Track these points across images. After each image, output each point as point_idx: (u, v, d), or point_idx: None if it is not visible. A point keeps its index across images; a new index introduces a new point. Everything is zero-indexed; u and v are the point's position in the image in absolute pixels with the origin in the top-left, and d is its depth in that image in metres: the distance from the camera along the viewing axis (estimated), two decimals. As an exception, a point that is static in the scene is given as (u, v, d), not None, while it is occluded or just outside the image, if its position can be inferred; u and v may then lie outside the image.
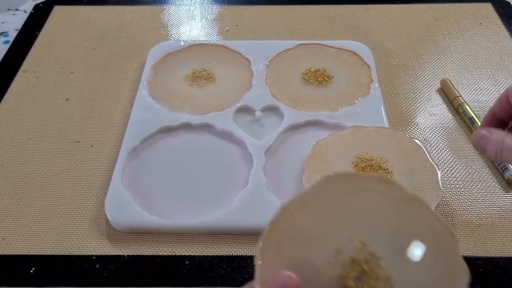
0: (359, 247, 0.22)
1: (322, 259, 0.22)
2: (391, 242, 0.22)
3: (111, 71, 0.57)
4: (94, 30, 0.63)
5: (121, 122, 0.50)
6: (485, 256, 0.39)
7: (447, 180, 0.44)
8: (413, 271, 0.21)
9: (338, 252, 0.22)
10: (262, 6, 0.67)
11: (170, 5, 0.68)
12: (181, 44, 0.57)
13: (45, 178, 0.45)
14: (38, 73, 0.57)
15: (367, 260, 0.22)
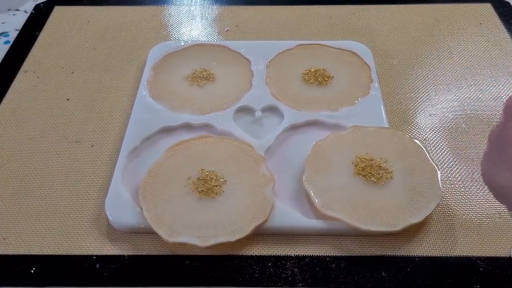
0: (200, 172, 0.41)
1: (180, 184, 0.40)
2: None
3: (111, 71, 0.57)
4: (94, 30, 0.63)
5: (122, 122, 0.50)
6: (485, 256, 0.39)
7: (447, 180, 0.44)
8: None
9: (189, 178, 0.41)
10: (263, 6, 0.67)
11: (170, 6, 0.68)
12: (181, 44, 0.57)
13: (45, 178, 0.45)
14: (38, 73, 0.57)
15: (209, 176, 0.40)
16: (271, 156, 0.46)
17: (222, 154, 0.42)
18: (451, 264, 0.38)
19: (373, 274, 0.37)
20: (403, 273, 0.37)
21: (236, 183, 0.39)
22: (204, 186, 0.39)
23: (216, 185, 0.39)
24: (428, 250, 0.39)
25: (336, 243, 0.39)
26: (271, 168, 0.44)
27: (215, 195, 0.38)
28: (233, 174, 0.40)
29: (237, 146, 0.43)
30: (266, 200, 0.38)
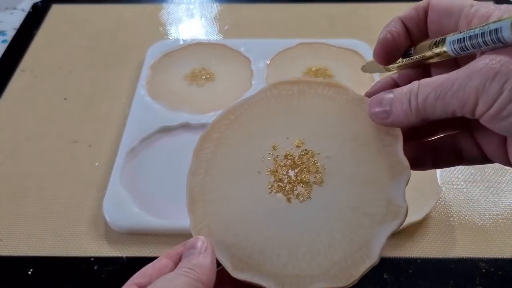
0: (296, 144, 0.23)
1: (256, 155, 0.23)
2: (330, 141, 0.22)
3: (109, 70, 0.56)
4: (92, 28, 0.63)
5: (120, 121, 0.50)
6: (487, 257, 0.38)
7: (449, 180, 0.44)
8: (349, 167, 0.22)
9: (274, 148, 0.23)
10: (263, 4, 0.66)
11: (169, 4, 0.68)
12: (180, 43, 0.57)
13: (43, 179, 0.45)
14: (36, 73, 0.56)
15: (301, 155, 0.22)
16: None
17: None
18: (453, 266, 0.38)
19: (374, 276, 0.37)
20: (404, 275, 0.37)
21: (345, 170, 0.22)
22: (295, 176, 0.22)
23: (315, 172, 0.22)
24: (430, 251, 0.38)
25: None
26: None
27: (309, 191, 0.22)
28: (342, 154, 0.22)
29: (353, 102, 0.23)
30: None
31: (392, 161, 0.21)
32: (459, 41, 0.19)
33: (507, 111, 0.17)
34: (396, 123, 0.21)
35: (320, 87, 0.24)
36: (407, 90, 0.20)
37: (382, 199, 0.21)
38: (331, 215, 0.21)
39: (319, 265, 0.20)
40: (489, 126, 0.18)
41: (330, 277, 0.20)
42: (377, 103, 0.21)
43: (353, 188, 0.21)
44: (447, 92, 0.18)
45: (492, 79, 0.17)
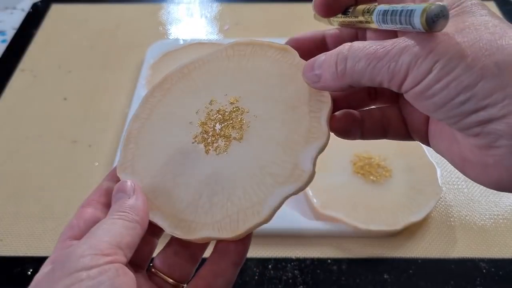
0: (231, 101, 0.23)
1: (193, 107, 0.24)
2: (262, 101, 0.23)
3: (109, 70, 0.56)
4: (92, 28, 0.63)
5: (120, 121, 0.50)
6: (488, 257, 0.38)
7: (449, 180, 0.44)
8: (271, 128, 0.22)
9: (211, 103, 0.24)
10: (263, 4, 0.66)
11: (169, 3, 0.67)
12: (180, 43, 0.57)
13: (42, 179, 0.45)
14: (35, 72, 0.56)
15: (231, 111, 0.23)
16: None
17: None
18: (454, 266, 0.37)
19: (375, 276, 0.37)
20: (405, 275, 0.37)
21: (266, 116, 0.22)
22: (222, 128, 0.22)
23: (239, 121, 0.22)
24: (431, 251, 0.38)
25: (337, 244, 0.39)
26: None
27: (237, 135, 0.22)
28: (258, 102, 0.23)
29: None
30: None
31: (313, 127, 0.21)
32: (384, 12, 0.19)
33: (432, 91, 0.17)
34: (326, 87, 0.20)
35: (271, 50, 0.24)
36: (335, 53, 0.19)
37: (290, 161, 0.21)
38: (240, 170, 0.21)
39: (213, 215, 0.21)
40: (413, 102, 0.18)
41: (218, 228, 0.20)
42: (310, 66, 0.21)
43: (267, 148, 0.21)
44: (378, 62, 0.18)
45: (425, 56, 0.17)
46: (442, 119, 0.18)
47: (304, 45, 0.24)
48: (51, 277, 0.17)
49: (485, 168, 0.17)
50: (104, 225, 0.19)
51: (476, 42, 0.16)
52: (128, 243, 0.19)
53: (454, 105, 0.17)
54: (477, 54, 0.16)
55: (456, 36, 0.17)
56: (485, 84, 0.16)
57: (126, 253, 0.19)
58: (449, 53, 0.16)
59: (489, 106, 0.16)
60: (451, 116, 0.17)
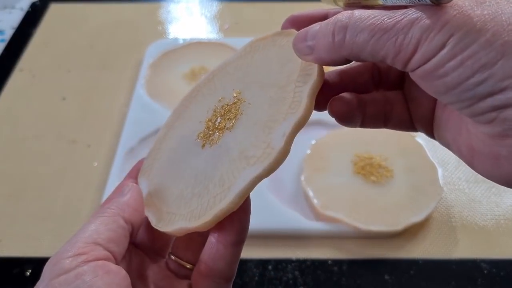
0: (234, 95, 0.22)
1: (207, 107, 0.23)
2: (258, 88, 0.21)
3: (108, 70, 0.56)
4: (91, 27, 0.62)
5: (119, 121, 0.49)
6: (489, 258, 0.38)
7: (451, 180, 0.43)
8: (260, 112, 0.20)
9: (220, 100, 0.23)
10: (263, 3, 0.66)
11: (168, 2, 0.67)
12: (179, 42, 0.57)
13: (41, 179, 0.45)
14: (34, 72, 0.56)
15: (232, 104, 0.22)
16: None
17: None
18: (455, 267, 0.37)
19: (375, 277, 0.37)
20: (406, 276, 0.37)
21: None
22: None
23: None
24: (432, 252, 0.38)
25: (338, 245, 0.38)
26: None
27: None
28: None
29: None
30: None
31: (294, 102, 0.19)
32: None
33: (444, 70, 0.15)
34: (319, 60, 0.18)
35: (280, 38, 0.23)
36: (333, 21, 0.17)
37: (265, 141, 0.19)
38: (223, 158, 0.20)
39: (190, 205, 0.20)
40: (420, 82, 0.16)
41: (190, 217, 0.19)
42: (302, 37, 0.18)
43: (251, 132, 0.20)
44: (384, 34, 0.15)
45: (438, 30, 0.14)
46: (452, 102, 0.15)
47: (304, 25, 0.21)
48: (36, 287, 0.17)
49: (496, 161, 0.15)
50: (82, 227, 0.18)
51: (497, 16, 0.14)
52: (109, 237, 0.18)
53: (468, 86, 0.15)
54: (498, 28, 0.14)
55: (475, 8, 0.15)
56: (506, 63, 0.14)
57: (109, 247, 0.18)
58: (465, 26, 0.14)
59: (508, 88, 0.14)
60: (464, 99, 0.15)
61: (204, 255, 0.20)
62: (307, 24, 0.21)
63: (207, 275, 0.19)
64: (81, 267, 0.16)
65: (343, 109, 0.21)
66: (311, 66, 0.19)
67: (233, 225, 0.19)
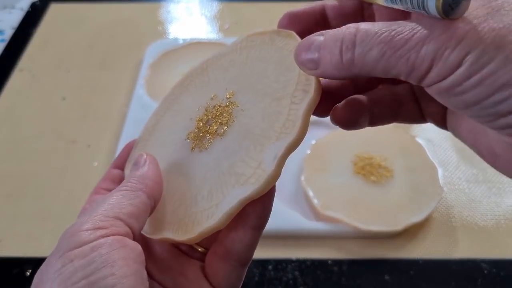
0: (227, 96, 0.22)
1: (198, 103, 0.22)
2: (253, 94, 0.21)
3: (108, 70, 0.56)
4: (91, 27, 0.62)
5: (119, 121, 0.49)
6: (489, 258, 0.38)
7: (451, 181, 0.43)
8: (252, 122, 0.19)
9: (212, 98, 0.22)
10: (263, 3, 0.66)
11: (168, 2, 0.67)
12: (179, 42, 0.57)
13: (41, 179, 0.44)
14: (34, 72, 0.56)
15: (224, 106, 0.21)
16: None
17: None
18: (455, 267, 0.37)
19: (375, 277, 0.37)
20: (406, 276, 0.37)
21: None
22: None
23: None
24: (432, 252, 0.38)
25: (338, 245, 0.38)
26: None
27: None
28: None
29: None
30: None
31: (288, 121, 0.18)
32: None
33: (461, 88, 0.14)
34: (325, 75, 0.17)
35: (278, 38, 0.22)
36: (339, 36, 0.16)
37: (256, 159, 0.18)
38: (212, 168, 0.19)
39: (178, 215, 0.19)
40: (436, 97, 0.15)
41: (176, 229, 0.19)
42: (305, 47, 0.17)
43: (241, 144, 0.19)
44: (396, 51, 0.15)
45: (453, 47, 0.14)
46: (472, 116, 0.15)
47: (303, 21, 0.21)
48: (49, 259, 0.16)
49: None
50: (103, 199, 0.18)
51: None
52: (130, 212, 0.17)
53: (488, 104, 0.14)
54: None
55: (489, 20, 0.14)
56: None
57: (130, 223, 0.17)
58: (482, 43, 0.14)
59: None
60: (484, 115, 0.14)
61: (223, 236, 0.19)
62: (306, 23, 0.20)
63: (224, 257, 0.19)
64: (97, 241, 0.16)
65: (348, 116, 0.20)
66: (309, 81, 0.19)
67: (255, 209, 0.19)
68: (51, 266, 0.16)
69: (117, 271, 0.15)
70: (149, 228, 0.20)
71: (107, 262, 0.15)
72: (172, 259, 0.20)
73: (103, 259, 0.15)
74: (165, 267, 0.20)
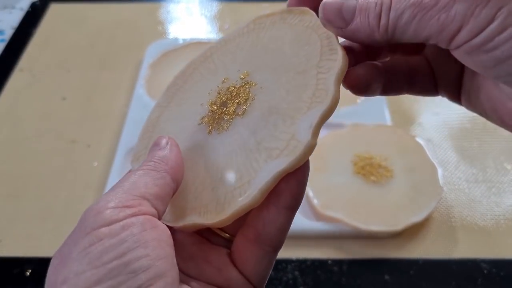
0: (241, 76, 0.21)
1: (207, 89, 0.21)
2: (272, 71, 0.20)
3: (108, 70, 0.56)
4: (91, 27, 0.62)
5: (119, 121, 0.49)
6: (489, 258, 0.38)
7: (451, 180, 0.43)
8: (275, 98, 0.19)
9: (223, 81, 0.21)
10: (263, 3, 0.66)
11: (168, 2, 0.67)
12: (179, 42, 0.57)
13: (41, 179, 0.44)
14: (34, 72, 0.56)
15: (240, 87, 0.20)
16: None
17: None
18: (455, 267, 0.37)
19: (376, 277, 0.37)
20: (406, 276, 0.37)
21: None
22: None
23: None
24: (432, 252, 0.38)
25: (338, 245, 0.38)
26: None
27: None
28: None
29: None
30: None
31: (318, 90, 0.18)
32: None
33: (493, 43, 0.14)
34: (354, 37, 0.17)
35: (290, 16, 0.21)
36: (379, 1, 0.16)
37: (288, 132, 0.17)
38: (237, 147, 0.18)
39: (202, 199, 0.18)
40: (462, 58, 0.15)
41: (203, 212, 0.18)
42: (335, 9, 0.17)
43: (267, 120, 0.18)
44: (426, 12, 0.15)
45: (485, 3, 0.14)
46: (500, 76, 0.15)
47: (315, 2, 0.20)
48: (69, 239, 0.15)
49: None
50: (127, 177, 0.17)
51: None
52: (156, 193, 0.16)
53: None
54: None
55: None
56: None
57: (156, 204, 0.16)
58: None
59: None
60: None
61: (253, 218, 0.18)
62: (317, 2, 0.20)
63: (255, 241, 0.18)
64: (127, 220, 0.15)
65: (362, 80, 0.19)
66: (333, 51, 0.18)
67: (290, 185, 0.17)
68: (75, 245, 0.14)
69: (151, 252, 0.14)
70: (169, 215, 0.18)
71: (140, 242, 0.14)
72: (195, 246, 0.19)
73: (136, 238, 0.14)
74: (188, 255, 0.18)
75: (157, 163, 0.17)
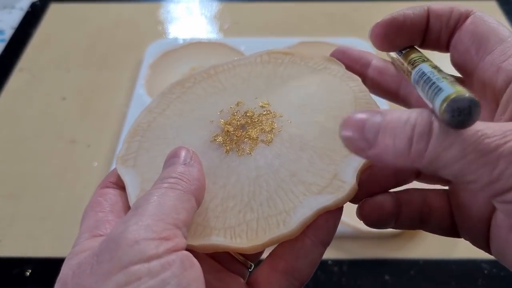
0: (261, 105, 0.21)
1: (217, 107, 0.22)
2: (298, 108, 0.21)
3: (108, 70, 0.56)
4: (90, 27, 0.62)
5: (119, 121, 0.49)
6: (490, 258, 0.38)
7: (450, 181, 0.43)
8: (306, 136, 0.19)
9: (238, 104, 0.22)
10: (263, 3, 0.66)
11: (168, 2, 0.67)
12: (179, 42, 0.57)
13: (41, 179, 0.44)
14: (34, 72, 0.56)
15: (261, 114, 0.21)
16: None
17: None
18: (455, 267, 0.37)
19: (376, 278, 0.37)
20: (406, 276, 0.37)
21: None
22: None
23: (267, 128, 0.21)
24: (432, 252, 0.38)
25: (338, 245, 0.38)
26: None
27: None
28: None
29: None
30: None
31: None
32: (421, 75, 0.15)
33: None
34: (380, 162, 0.14)
35: (313, 61, 0.22)
36: (411, 121, 0.13)
37: (328, 170, 0.18)
38: (265, 174, 0.19)
39: (226, 219, 0.18)
40: (498, 205, 0.13)
41: (231, 234, 0.17)
42: (356, 125, 0.14)
43: (300, 155, 0.19)
44: (481, 157, 0.12)
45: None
46: None
47: (348, 60, 0.20)
48: (97, 270, 0.13)
49: None
50: (154, 196, 0.15)
51: None
52: (185, 220, 0.15)
53: None
54: None
55: None
56: None
57: (185, 233, 0.15)
58: None
59: None
60: None
61: (285, 249, 0.17)
62: (350, 60, 0.20)
63: (285, 272, 0.17)
64: (166, 257, 0.13)
65: (374, 216, 0.19)
66: (369, 105, 0.19)
67: (327, 221, 0.17)
68: (106, 279, 0.13)
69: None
70: (191, 231, 0.18)
71: (181, 285, 0.13)
72: (210, 275, 0.17)
73: (177, 281, 0.13)
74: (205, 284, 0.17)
75: (181, 180, 0.16)
